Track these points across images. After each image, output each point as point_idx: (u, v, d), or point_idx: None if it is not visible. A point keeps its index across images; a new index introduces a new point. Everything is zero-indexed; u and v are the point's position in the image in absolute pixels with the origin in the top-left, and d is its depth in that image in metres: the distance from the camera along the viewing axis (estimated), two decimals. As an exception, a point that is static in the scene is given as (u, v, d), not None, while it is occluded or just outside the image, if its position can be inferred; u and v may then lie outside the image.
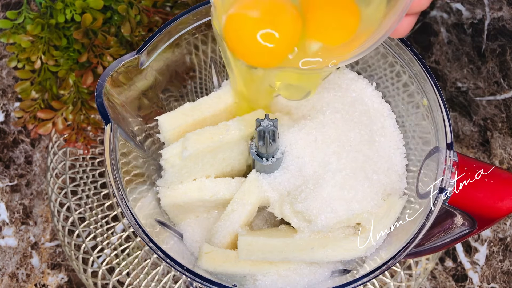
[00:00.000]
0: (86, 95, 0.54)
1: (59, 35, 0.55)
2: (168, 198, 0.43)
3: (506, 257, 0.54)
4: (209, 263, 0.42)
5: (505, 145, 0.58)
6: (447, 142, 0.38)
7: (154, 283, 0.52)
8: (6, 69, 0.60)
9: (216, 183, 0.43)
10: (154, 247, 0.37)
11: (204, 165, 0.43)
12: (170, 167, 0.42)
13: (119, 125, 0.40)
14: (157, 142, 0.45)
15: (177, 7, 0.56)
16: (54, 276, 0.54)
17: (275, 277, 0.43)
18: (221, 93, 0.44)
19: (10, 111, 0.59)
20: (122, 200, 0.38)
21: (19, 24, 0.57)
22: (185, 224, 0.47)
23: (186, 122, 0.43)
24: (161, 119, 0.43)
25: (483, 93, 0.60)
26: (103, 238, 0.53)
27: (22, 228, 0.55)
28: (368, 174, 0.42)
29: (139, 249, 0.53)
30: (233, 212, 0.42)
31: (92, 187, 0.55)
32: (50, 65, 0.55)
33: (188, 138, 0.41)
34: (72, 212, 0.54)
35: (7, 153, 0.57)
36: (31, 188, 0.56)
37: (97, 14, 0.54)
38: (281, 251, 0.41)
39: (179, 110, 0.43)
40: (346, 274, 0.44)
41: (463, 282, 0.53)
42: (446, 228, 0.42)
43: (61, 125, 0.54)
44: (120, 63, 0.39)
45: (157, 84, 0.45)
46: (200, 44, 0.46)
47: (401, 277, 0.52)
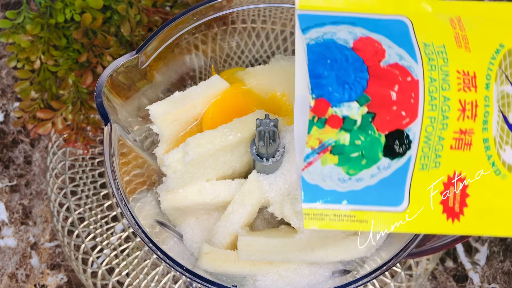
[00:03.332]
0: (86, 95, 0.54)
1: (59, 35, 0.55)
2: (168, 201, 0.43)
3: (506, 257, 0.54)
4: (209, 263, 0.42)
5: (506, 145, 0.58)
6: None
7: (154, 284, 0.52)
8: (5, 69, 0.60)
9: (216, 185, 0.43)
10: (154, 248, 0.37)
11: (205, 169, 0.43)
12: (172, 173, 0.42)
13: (118, 125, 0.39)
14: (156, 142, 0.45)
15: (177, 6, 0.56)
16: (54, 276, 0.54)
17: (275, 277, 0.42)
18: (209, 82, 0.45)
19: (9, 111, 0.59)
20: (122, 200, 0.38)
21: (19, 24, 0.57)
22: (185, 225, 0.46)
23: (176, 109, 0.43)
24: (152, 107, 0.43)
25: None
26: (103, 238, 0.53)
27: (21, 228, 0.55)
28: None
29: (138, 249, 0.53)
30: (233, 213, 0.42)
31: (92, 187, 0.55)
32: (50, 65, 0.55)
33: (189, 143, 0.41)
34: (72, 212, 0.54)
35: (6, 153, 0.57)
36: (31, 188, 0.56)
37: (97, 13, 0.54)
38: (281, 252, 0.41)
39: (169, 98, 0.44)
40: (346, 274, 0.44)
41: (463, 282, 0.53)
42: (446, 228, 0.42)
43: (61, 125, 0.54)
44: (119, 63, 0.39)
45: (157, 84, 0.45)
46: (200, 44, 0.46)
47: (402, 278, 0.52)
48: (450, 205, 0.32)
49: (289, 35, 0.49)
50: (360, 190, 0.31)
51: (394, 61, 0.31)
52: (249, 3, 0.44)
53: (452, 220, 0.32)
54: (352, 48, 0.31)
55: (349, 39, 0.31)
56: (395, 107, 0.30)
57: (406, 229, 0.32)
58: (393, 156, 0.31)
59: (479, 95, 0.31)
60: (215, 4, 0.42)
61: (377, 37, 0.31)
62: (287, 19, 0.47)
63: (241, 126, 0.42)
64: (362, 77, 0.30)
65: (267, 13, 0.46)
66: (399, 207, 0.32)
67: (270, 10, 0.46)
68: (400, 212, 0.32)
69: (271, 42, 0.50)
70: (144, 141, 0.46)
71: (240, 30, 0.48)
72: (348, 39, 0.31)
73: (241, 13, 0.45)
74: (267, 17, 0.47)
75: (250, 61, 0.51)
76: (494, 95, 0.32)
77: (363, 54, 0.31)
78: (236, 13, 0.45)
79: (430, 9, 0.33)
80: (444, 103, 0.31)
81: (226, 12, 0.44)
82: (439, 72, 0.31)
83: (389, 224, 0.31)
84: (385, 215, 0.31)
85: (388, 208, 0.32)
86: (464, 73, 0.31)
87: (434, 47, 0.31)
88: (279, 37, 0.49)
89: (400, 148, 0.31)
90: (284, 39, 0.49)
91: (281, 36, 0.49)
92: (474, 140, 0.32)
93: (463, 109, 0.31)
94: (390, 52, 0.31)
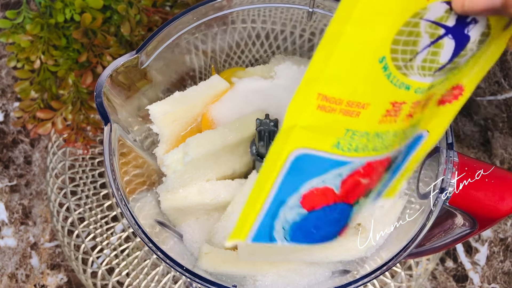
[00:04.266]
0: (86, 95, 0.54)
1: (59, 35, 0.55)
2: (168, 202, 0.43)
3: (506, 257, 0.54)
4: (209, 263, 0.42)
5: (506, 145, 0.58)
6: (448, 142, 0.37)
7: (154, 284, 0.51)
8: (5, 69, 0.60)
9: (216, 186, 0.43)
10: (154, 248, 0.37)
11: (205, 169, 0.43)
12: (172, 173, 0.42)
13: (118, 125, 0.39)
14: (156, 142, 0.45)
15: (177, 6, 0.56)
16: (54, 276, 0.53)
17: (275, 277, 0.42)
18: (209, 82, 0.45)
19: (9, 111, 0.59)
20: (122, 200, 0.37)
21: (19, 24, 0.57)
22: (185, 225, 0.46)
23: (176, 109, 0.43)
24: (152, 107, 0.43)
25: (484, 93, 0.60)
26: (103, 238, 0.53)
27: (21, 228, 0.55)
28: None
29: (138, 249, 0.53)
30: (233, 213, 0.42)
31: (92, 187, 0.55)
32: (50, 65, 0.55)
33: (189, 143, 0.41)
34: (72, 212, 0.54)
35: (6, 153, 0.57)
36: (31, 188, 0.56)
37: (97, 13, 0.54)
38: (281, 251, 0.41)
39: (169, 98, 0.44)
40: (346, 274, 0.44)
41: (463, 282, 0.53)
42: (446, 229, 0.42)
43: (61, 125, 0.54)
44: (119, 63, 0.39)
45: (157, 84, 0.45)
46: (200, 44, 0.46)
47: (402, 278, 0.51)
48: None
49: (289, 35, 0.49)
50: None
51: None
52: (249, 3, 0.44)
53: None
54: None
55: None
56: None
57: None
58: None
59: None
60: (215, 4, 0.42)
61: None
62: (287, 19, 0.47)
63: (241, 126, 0.42)
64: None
65: (267, 13, 0.46)
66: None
67: (270, 10, 0.46)
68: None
69: (271, 42, 0.50)
70: (144, 141, 0.46)
71: (240, 30, 0.48)
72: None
73: (241, 13, 0.45)
74: (267, 17, 0.47)
75: (250, 61, 0.51)
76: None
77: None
78: (236, 13, 0.45)
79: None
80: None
81: (226, 12, 0.44)
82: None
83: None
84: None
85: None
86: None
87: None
88: (279, 37, 0.49)
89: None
90: (284, 39, 0.49)
91: (281, 36, 0.49)
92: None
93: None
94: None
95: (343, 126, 0.28)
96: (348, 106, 0.27)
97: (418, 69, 0.27)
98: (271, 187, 0.29)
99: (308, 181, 0.29)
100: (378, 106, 0.27)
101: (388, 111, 0.28)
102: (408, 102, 0.29)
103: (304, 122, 0.27)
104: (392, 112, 0.28)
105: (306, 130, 0.27)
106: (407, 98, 0.28)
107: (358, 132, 0.28)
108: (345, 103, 0.27)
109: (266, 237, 0.30)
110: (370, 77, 0.26)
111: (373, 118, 0.28)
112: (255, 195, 0.29)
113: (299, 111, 0.27)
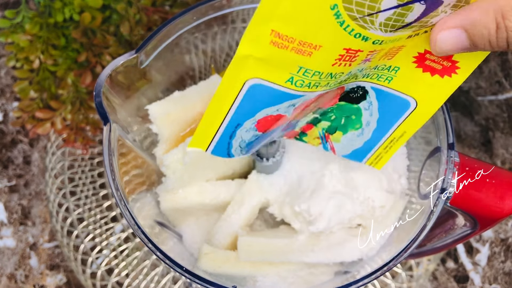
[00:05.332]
0: (85, 94, 0.54)
1: (58, 34, 0.55)
2: (168, 202, 0.43)
3: (508, 258, 0.54)
4: (208, 264, 0.42)
5: (507, 145, 0.57)
6: (449, 142, 0.37)
7: (154, 284, 0.51)
8: (4, 68, 0.60)
9: (216, 186, 0.43)
10: (153, 248, 0.37)
11: (205, 169, 0.43)
12: (171, 173, 0.42)
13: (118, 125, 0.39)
14: (156, 142, 0.45)
15: (176, 6, 0.56)
16: (53, 277, 0.53)
17: (275, 278, 0.42)
18: (209, 82, 0.45)
19: (8, 111, 0.59)
20: (121, 200, 0.37)
21: (18, 23, 0.57)
22: (184, 225, 0.46)
23: (175, 109, 0.43)
24: (151, 107, 0.43)
25: (485, 93, 0.59)
26: (102, 238, 0.53)
27: (20, 228, 0.55)
28: (369, 174, 0.42)
29: (138, 250, 0.53)
30: (233, 213, 0.42)
31: (91, 188, 0.54)
32: (49, 65, 0.54)
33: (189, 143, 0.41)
34: (71, 213, 0.53)
35: (5, 153, 0.57)
36: (30, 189, 0.56)
37: (96, 13, 0.54)
38: (281, 252, 0.41)
39: (168, 98, 0.44)
40: (346, 275, 0.43)
41: (464, 283, 0.53)
42: (447, 229, 0.42)
43: (60, 125, 0.53)
44: (119, 63, 0.38)
45: (156, 83, 0.45)
46: (200, 44, 0.46)
47: (402, 278, 0.51)
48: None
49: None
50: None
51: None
52: (249, 2, 0.44)
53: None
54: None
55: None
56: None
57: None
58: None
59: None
60: (215, 4, 0.42)
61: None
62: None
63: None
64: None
65: (267, 13, 0.46)
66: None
67: (270, 10, 0.46)
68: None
69: (271, 41, 0.50)
70: (143, 141, 0.45)
71: (240, 30, 0.47)
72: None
73: (241, 12, 0.45)
74: (267, 17, 0.47)
75: (250, 60, 0.51)
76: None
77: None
78: (236, 13, 0.45)
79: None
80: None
81: (226, 12, 0.44)
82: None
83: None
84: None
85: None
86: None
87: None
88: (279, 36, 0.49)
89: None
90: (284, 38, 0.49)
91: (281, 35, 0.49)
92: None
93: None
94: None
95: (296, 63, 0.29)
96: (300, 45, 0.28)
97: (380, 25, 0.27)
98: (228, 109, 0.32)
99: (264, 110, 0.32)
100: (330, 50, 0.28)
101: (342, 56, 0.29)
102: (365, 51, 0.29)
103: (259, 54, 0.28)
104: (346, 57, 0.29)
105: (261, 61, 0.29)
106: (364, 47, 0.29)
107: (311, 71, 0.29)
108: (297, 42, 0.27)
109: (225, 153, 0.36)
110: (322, 21, 0.26)
111: (325, 60, 0.29)
112: (213, 112, 0.32)
113: (253, 42, 0.28)
